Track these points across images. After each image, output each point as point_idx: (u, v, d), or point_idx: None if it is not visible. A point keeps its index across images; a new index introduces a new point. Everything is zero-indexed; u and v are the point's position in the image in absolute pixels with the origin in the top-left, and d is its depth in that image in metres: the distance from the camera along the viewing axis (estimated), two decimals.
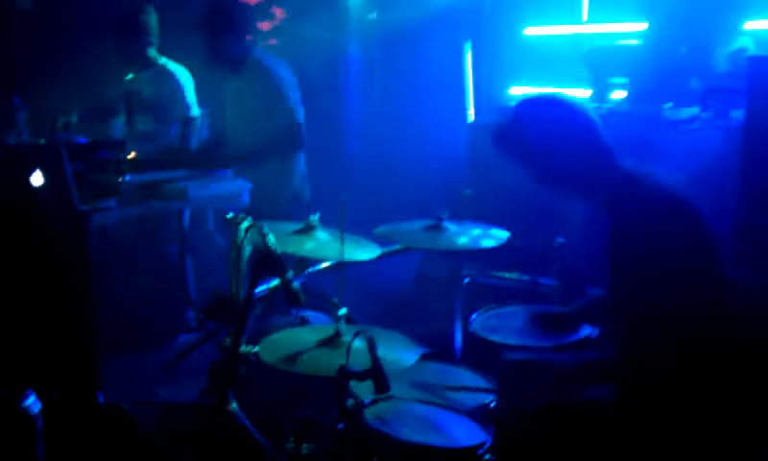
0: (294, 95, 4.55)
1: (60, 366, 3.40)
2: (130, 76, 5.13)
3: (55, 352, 3.44)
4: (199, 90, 5.06)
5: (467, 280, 3.38)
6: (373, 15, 7.27)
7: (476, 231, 3.30)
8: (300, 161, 4.68)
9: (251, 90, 4.53)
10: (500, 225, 3.35)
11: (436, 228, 3.25)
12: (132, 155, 4.45)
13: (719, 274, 2.35)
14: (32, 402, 2.41)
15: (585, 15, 5.78)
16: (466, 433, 2.54)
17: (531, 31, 6.08)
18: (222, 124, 4.83)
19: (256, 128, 4.49)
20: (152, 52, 4.98)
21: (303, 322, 3.31)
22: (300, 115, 4.54)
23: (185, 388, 3.58)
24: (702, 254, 2.32)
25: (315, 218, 3.09)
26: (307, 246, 3.01)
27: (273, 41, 7.01)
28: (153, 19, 4.96)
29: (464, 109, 6.06)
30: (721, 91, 4.24)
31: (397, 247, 3.40)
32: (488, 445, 2.47)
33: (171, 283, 4.99)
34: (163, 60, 5.02)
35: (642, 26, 5.30)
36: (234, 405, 2.77)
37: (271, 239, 2.57)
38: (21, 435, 2.42)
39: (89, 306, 3.54)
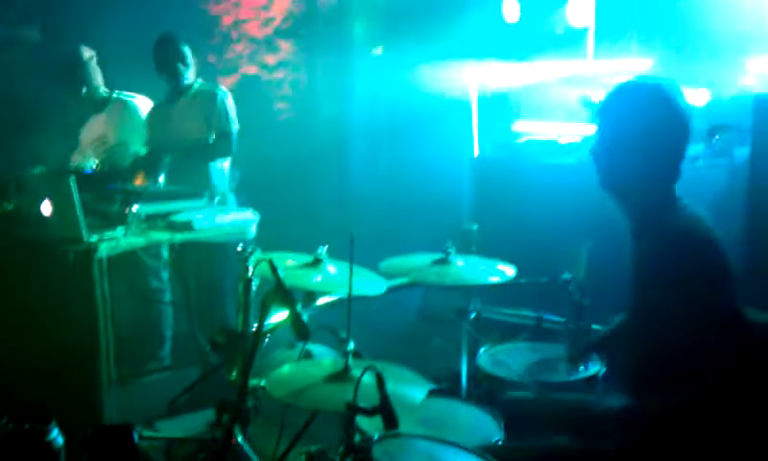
0: None
1: (67, 397, 3.40)
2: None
3: (62, 384, 3.43)
4: None
5: (473, 315, 3.36)
6: (379, 51, 7.33)
7: (484, 266, 3.30)
8: None
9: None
10: (506, 260, 3.35)
11: (443, 262, 3.24)
12: (140, 181, 4.45)
13: (738, 308, 2.34)
14: (56, 436, 2.38)
15: (589, 53, 5.82)
16: None
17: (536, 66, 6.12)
18: None
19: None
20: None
21: (307, 356, 3.30)
22: None
23: (185, 421, 3.56)
24: (727, 288, 2.30)
25: (323, 252, 3.09)
26: (315, 280, 3.02)
27: (279, 74, 7.07)
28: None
29: (469, 144, 6.07)
30: (726, 129, 4.26)
31: (405, 281, 3.38)
32: None
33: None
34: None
35: (647, 63, 5.33)
36: (241, 439, 2.75)
37: (280, 272, 2.56)
38: None
39: (96, 337, 3.53)
